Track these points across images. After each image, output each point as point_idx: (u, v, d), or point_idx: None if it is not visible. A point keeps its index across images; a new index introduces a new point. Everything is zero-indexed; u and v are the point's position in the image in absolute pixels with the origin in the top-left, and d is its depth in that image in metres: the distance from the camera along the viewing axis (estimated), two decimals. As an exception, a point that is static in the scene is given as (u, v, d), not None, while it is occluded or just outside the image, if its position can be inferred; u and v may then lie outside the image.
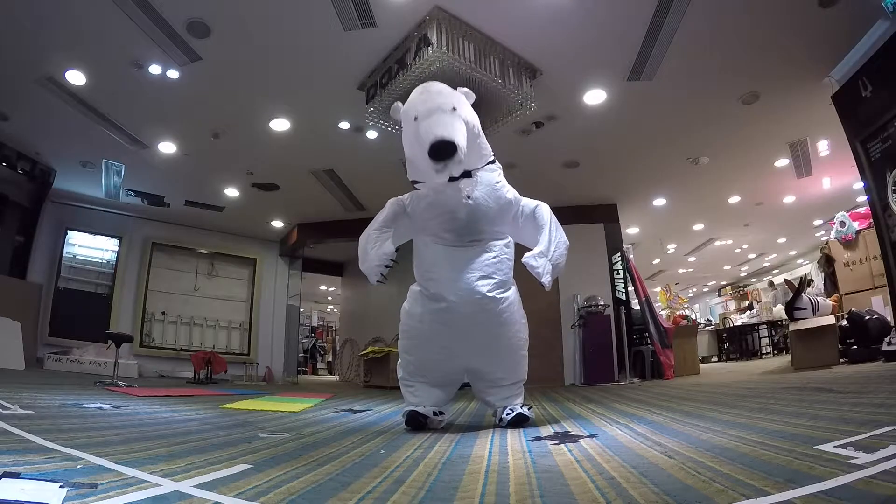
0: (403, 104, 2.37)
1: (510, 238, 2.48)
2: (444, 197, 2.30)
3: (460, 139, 2.05)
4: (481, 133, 2.36)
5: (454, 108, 2.16)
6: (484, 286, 2.25)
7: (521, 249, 2.43)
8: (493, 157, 2.48)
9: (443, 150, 2.00)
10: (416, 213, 2.39)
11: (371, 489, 1.13)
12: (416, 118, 2.17)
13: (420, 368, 2.41)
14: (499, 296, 2.29)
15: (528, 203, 2.45)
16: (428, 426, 2.31)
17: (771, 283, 12.03)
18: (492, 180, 2.37)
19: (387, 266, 2.22)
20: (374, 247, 2.24)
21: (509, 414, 2.32)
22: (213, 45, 4.07)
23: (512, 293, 2.41)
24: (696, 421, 2.09)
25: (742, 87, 4.79)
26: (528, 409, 2.42)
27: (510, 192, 2.43)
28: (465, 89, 2.37)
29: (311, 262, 9.91)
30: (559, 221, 2.51)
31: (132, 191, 7.05)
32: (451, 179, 2.23)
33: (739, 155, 6.22)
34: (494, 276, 2.31)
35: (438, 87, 2.32)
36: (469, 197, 2.26)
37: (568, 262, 2.63)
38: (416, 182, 2.46)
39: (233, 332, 8.87)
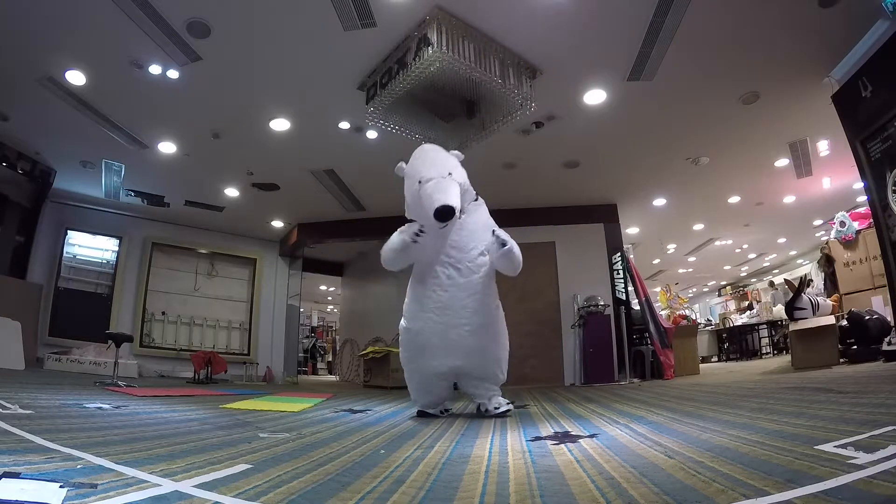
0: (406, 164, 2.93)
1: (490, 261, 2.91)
2: (442, 231, 2.80)
3: (456, 202, 2.60)
4: (469, 186, 2.92)
5: (450, 173, 2.71)
6: (473, 305, 2.77)
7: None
8: (476, 196, 3.03)
9: (445, 214, 2.56)
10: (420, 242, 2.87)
11: (371, 489, 1.13)
12: (420, 182, 2.69)
13: (422, 373, 2.89)
14: (484, 310, 2.81)
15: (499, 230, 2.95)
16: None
17: (771, 283, 12.03)
18: (477, 209, 2.99)
19: (418, 234, 2.78)
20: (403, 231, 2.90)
21: (497, 408, 2.82)
22: (213, 45, 4.07)
23: (495, 309, 2.92)
24: (696, 421, 2.09)
25: (742, 87, 4.79)
26: (509, 403, 2.90)
27: (490, 219, 3.01)
28: (457, 152, 2.96)
29: (311, 262, 9.90)
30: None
31: (132, 191, 7.05)
32: None
33: (739, 155, 6.22)
34: (485, 298, 2.81)
35: (434, 153, 2.89)
36: (461, 218, 2.81)
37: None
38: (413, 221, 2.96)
39: (233, 332, 8.87)
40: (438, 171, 2.68)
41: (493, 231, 2.84)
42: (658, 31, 3.95)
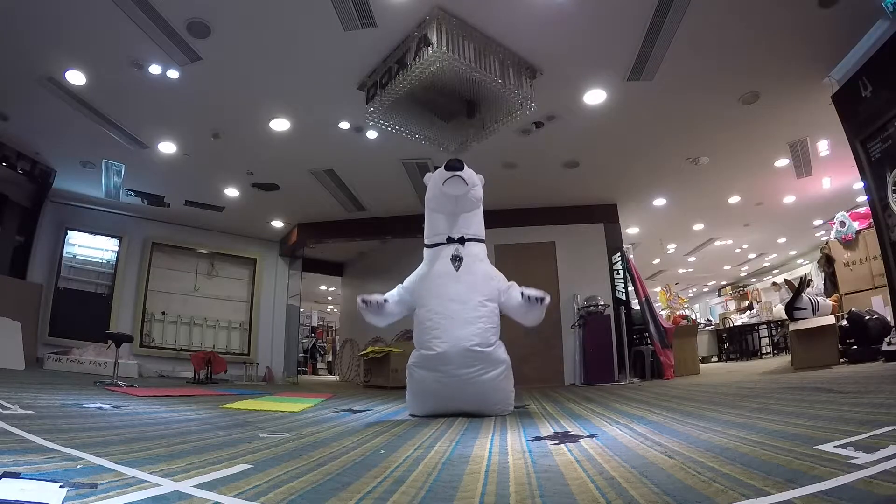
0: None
1: (496, 306, 3.00)
2: (442, 258, 3.05)
3: (467, 169, 3.05)
4: (481, 215, 3.19)
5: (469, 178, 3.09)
6: (472, 355, 2.82)
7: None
8: (483, 239, 3.21)
9: (454, 165, 3.02)
10: (416, 284, 3.12)
11: (371, 489, 1.13)
12: (442, 179, 3.09)
13: (426, 412, 2.98)
14: (484, 359, 2.84)
15: (505, 281, 3.11)
16: None
17: (774, 284, 12.03)
18: (478, 251, 3.13)
19: (365, 301, 3.10)
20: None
21: None
22: (213, 45, 4.07)
23: (496, 354, 2.91)
24: (696, 421, 2.09)
25: (742, 87, 4.79)
26: None
27: (493, 269, 3.14)
28: (480, 176, 3.25)
29: (311, 262, 9.90)
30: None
31: (132, 191, 7.05)
32: (450, 241, 3.06)
33: (739, 155, 6.22)
34: (483, 348, 2.86)
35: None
36: (458, 255, 3.02)
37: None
38: (428, 246, 3.18)
39: (233, 332, 8.87)
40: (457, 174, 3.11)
41: (522, 293, 2.92)
42: (658, 31, 3.95)
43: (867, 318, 4.86)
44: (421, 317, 3.03)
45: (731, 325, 10.93)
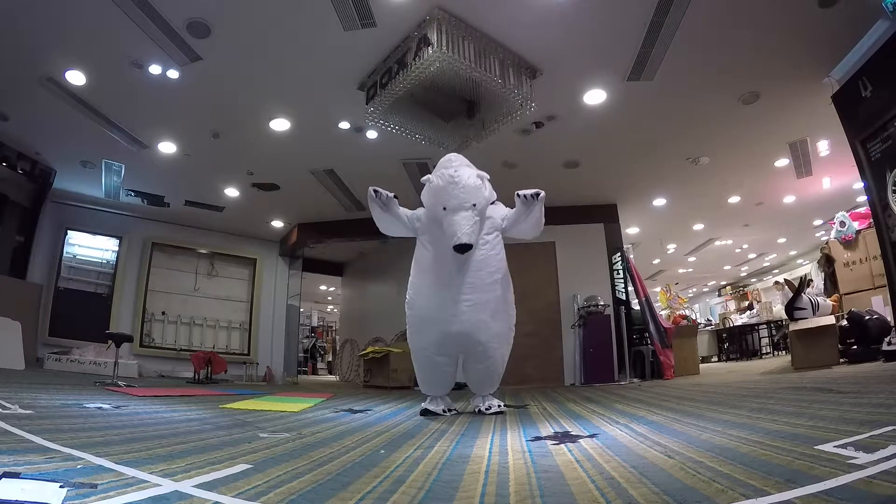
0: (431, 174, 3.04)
1: (499, 235, 3.01)
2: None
3: (474, 238, 2.77)
4: (491, 197, 3.01)
5: (474, 205, 2.80)
6: (475, 281, 2.85)
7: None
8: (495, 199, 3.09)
9: (463, 249, 2.75)
10: (424, 223, 3.03)
11: (371, 489, 1.13)
12: (444, 208, 2.80)
13: (427, 349, 2.98)
14: (486, 286, 2.88)
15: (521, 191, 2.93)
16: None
17: (777, 283, 12.03)
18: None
19: (377, 192, 2.89)
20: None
21: (489, 409, 2.95)
22: (213, 45, 4.07)
23: (499, 284, 2.95)
24: (696, 421, 2.09)
25: (742, 87, 4.79)
26: (500, 406, 3.01)
27: (496, 211, 3.03)
28: (484, 173, 2.95)
29: (311, 262, 9.90)
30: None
31: (132, 191, 7.05)
32: None
33: (739, 155, 6.22)
34: (488, 275, 2.89)
35: (465, 179, 2.84)
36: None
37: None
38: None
39: (233, 332, 8.87)
40: (461, 203, 2.78)
41: (518, 193, 2.82)
42: (658, 31, 3.95)
43: (867, 318, 4.85)
44: (424, 244, 3.02)
45: (731, 325, 10.93)
